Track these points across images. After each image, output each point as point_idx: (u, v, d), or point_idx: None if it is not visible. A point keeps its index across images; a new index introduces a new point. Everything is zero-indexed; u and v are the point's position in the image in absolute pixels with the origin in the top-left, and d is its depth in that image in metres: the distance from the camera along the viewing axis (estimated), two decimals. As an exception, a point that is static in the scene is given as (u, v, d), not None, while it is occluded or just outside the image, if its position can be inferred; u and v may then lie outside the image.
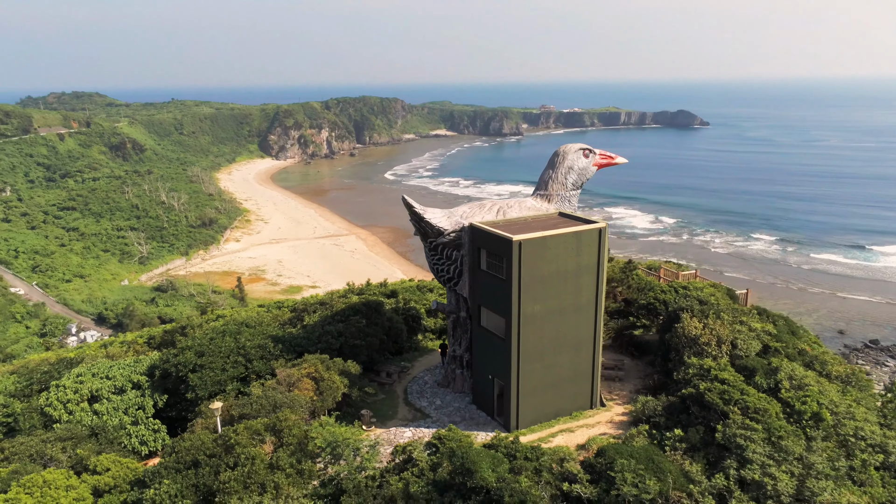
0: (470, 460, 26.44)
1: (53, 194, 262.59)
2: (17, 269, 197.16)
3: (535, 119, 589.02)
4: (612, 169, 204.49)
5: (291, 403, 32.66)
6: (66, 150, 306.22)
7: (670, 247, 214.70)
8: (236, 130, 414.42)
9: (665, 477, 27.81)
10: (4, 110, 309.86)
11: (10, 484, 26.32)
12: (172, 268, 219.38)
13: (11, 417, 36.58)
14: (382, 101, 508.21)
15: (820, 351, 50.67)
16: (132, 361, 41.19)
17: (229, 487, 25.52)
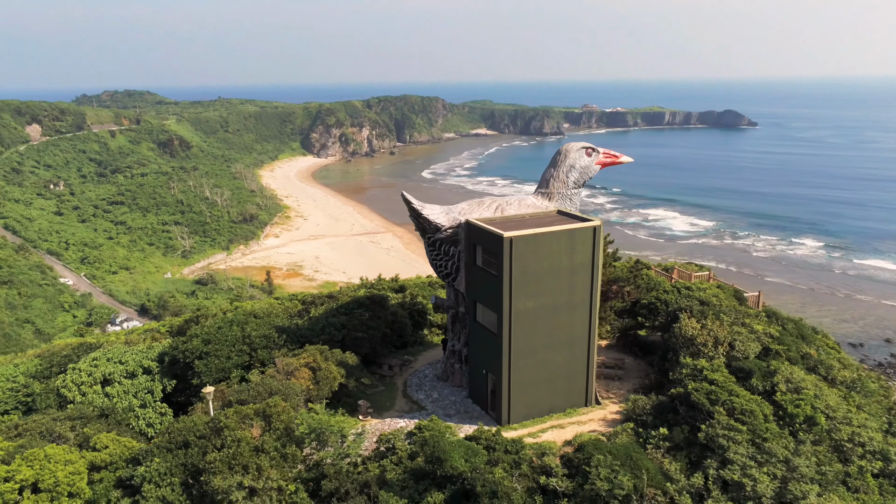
0: (440, 449, 27.13)
1: (103, 189, 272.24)
2: (67, 260, 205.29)
3: (576, 119, 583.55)
4: (651, 170, 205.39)
5: (286, 391, 33.86)
6: (116, 146, 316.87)
7: (710, 250, 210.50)
8: (279, 128, 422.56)
9: (640, 474, 27.95)
10: (60, 108, 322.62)
11: (14, 456, 28.18)
12: (213, 262, 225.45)
13: (31, 397, 38.82)
14: (423, 100, 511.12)
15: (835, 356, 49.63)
16: (145, 348, 43.18)
17: (214, 467, 26.77)
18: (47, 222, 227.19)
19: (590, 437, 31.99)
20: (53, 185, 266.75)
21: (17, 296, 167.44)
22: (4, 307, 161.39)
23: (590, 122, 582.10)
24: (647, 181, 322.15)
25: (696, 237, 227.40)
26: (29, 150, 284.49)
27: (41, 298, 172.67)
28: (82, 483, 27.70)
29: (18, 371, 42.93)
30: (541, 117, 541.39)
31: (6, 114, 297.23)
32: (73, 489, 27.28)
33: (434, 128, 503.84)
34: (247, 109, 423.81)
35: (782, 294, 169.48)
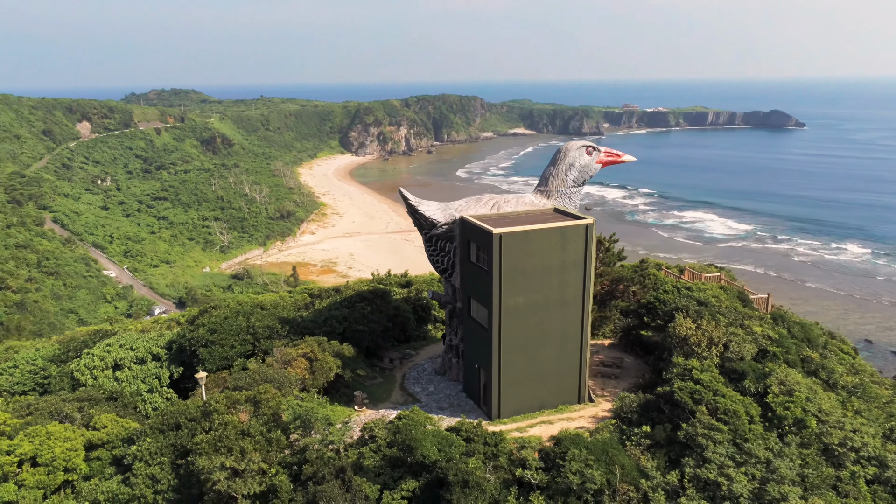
0: (412, 437, 27.86)
1: (148, 185, 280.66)
2: (111, 253, 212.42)
3: (616, 118, 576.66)
4: (691, 172, 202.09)
5: (281, 379, 35.07)
6: (161, 143, 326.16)
7: (748, 253, 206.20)
8: (319, 127, 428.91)
9: (614, 469, 28.20)
10: (109, 106, 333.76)
11: (18, 432, 30.00)
12: (250, 257, 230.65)
13: (47, 380, 40.99)
14: (462, 99, 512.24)
15: (848, 361, 48.68)
16: (156, 336, 45.09)
17: (201, 448, 28.05)
18: (94, 216, 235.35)
19: (573, 433, 32.23)
20: (101, 181, 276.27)
21: (62, 286, 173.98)
22: (50, 297, 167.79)
23: (630, 122, 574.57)
24: (687, 183, 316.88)
25: (735, 240, 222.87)
26: (79, 146, 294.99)
27: (85, 289, 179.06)
28: (78, 459, 29.37)
29: (38, 355, 45.36)
30: (580, 117, 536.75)
31: (58, 111, 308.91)
32: (69, 464, 28.96)
33: (472, 127, 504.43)
34: (287, 108, 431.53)
35: (824, 300, 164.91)
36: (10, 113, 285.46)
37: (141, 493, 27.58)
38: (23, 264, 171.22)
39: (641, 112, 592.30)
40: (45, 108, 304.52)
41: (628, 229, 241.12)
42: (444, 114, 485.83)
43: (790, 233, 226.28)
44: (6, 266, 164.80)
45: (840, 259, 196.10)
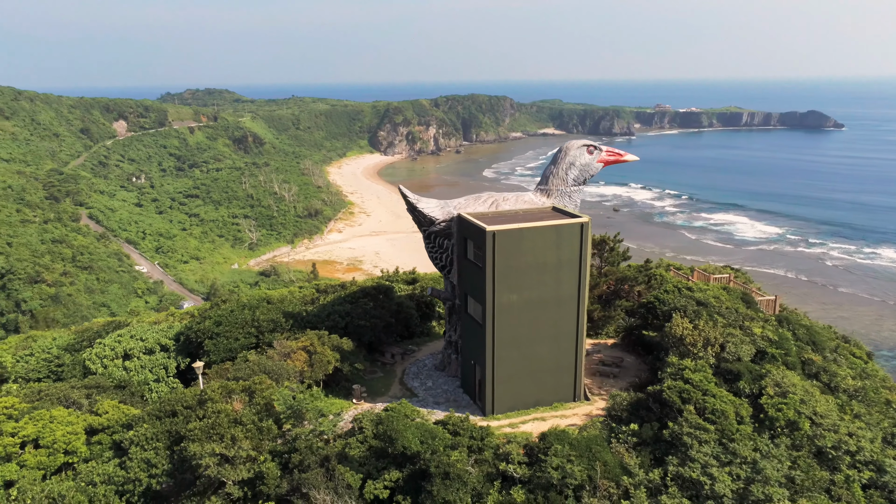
0: (393, 428, 28.44)
1: (181, 182, 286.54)
2: (143, 249, 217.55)
3: (648, 119, 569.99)
4: (722, 174, 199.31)
5: (279, 371, 35.99)
6: (195, 142, 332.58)
7: (779, 257, 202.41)
8: (348, 126, 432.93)
9: (595, 465, 28.40)
10: (145, 105, 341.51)
11: (24, 415, 31.42)
12: (278, 255, 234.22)
13: (61, 368, 42.65)
14: (491, 99, 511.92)
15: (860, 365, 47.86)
16: (165, 327, 46.50)
17: (194, 435, 29.05)
18: (127, 213, 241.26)
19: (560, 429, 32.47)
20: (136, 178, 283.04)
21: (95, 281, 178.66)
22: (84, 291, 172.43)
23: (662, 123, 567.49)
24: (718, 184, 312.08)
25: (766, 243, 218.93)
26: (115, 144, 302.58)
27: (117, 284, 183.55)
28: (78, 442, 30.65)
29: (54, 344, 47.18)
30: (610, 117, 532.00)
31: (96, 111, 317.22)
32: (69, 447, 30.25)
33: (501, 127, 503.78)
34: (318, 108, 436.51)
35: (857, 305, 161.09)
36: (51, 112, 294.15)
37: (136, 477, 28.70)
38: (58, 259, 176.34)
39: (674, 112, 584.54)
40: (83, 108, 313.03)
41: (656, 231, 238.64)
42: (474, 114, 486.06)
43: (823, 236, 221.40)
44: (42, 260, 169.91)
45: (874, 264, 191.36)
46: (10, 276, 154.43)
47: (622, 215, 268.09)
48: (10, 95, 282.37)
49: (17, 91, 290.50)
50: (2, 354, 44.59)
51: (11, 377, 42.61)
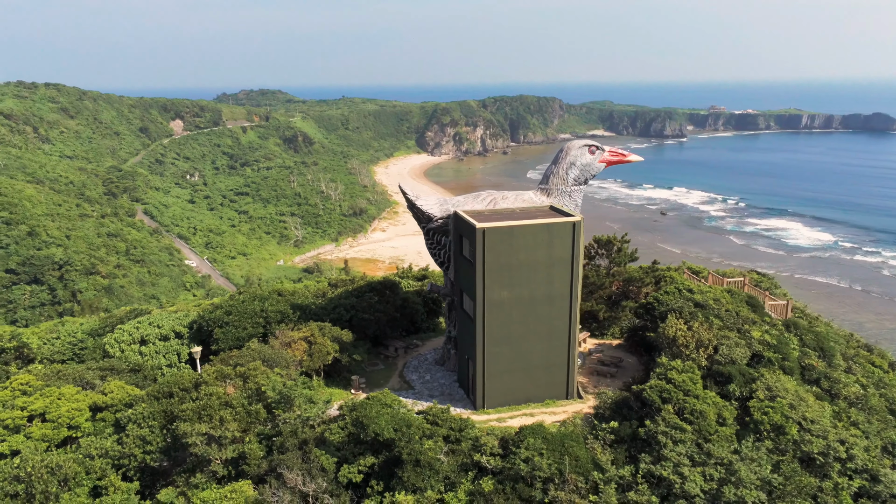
0: (365, 415, 29.45)
1: (232, 180, 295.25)
2: (193, 244, 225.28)
3: (701, 121, 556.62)
4: (777, 178, 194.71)
5: (277, 359, 37.54)
6: (247, 141, 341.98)
7: (833, 266, 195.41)
8: (396, 127, 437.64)
9: (565, 460, 28.80)
10: (200, 105, 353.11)
11: (36, 391, 33.81)
12: (322, 252, 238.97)
13: (83, 351, 45.37)
14: (539, 100, 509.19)
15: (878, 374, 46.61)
16: (182, 315, 48.81)
17: (185, 415, 30.76)
18: (180, 209, 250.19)
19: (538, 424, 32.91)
20: (190, 176, 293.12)
21: (147, 274, 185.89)
22: (136, 283, 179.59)
23: (716, 125, 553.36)
24: (772, 189, 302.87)
25: (820, 251, 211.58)
26: (171, 143, 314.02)
27: (167, 277, 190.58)
28: (81, 418, 32.81)
29: (80, 329, 50.11)
30: (662, 119, 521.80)
31: (154, 110, 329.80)
32: (72, 422, 32.44)
33: (549, 128, 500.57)
34: (367, 108, 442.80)
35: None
36: (112, 111, 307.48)
37: (131, 452, 30.60)
38: (113, 252, 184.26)
39: (729, 114, 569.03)
40: (142, 107, 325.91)
41: (703, 236, 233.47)
42: (522, 115, 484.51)
43: (882, 245, 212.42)
44: (98, 253, 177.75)
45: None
46: (67, 268, 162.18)
47: (669, 219, 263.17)
48: (76, 95, 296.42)
49: (81, 91, 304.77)
50: (29, 337, 47.76)
51: (38, 358, 45.63)
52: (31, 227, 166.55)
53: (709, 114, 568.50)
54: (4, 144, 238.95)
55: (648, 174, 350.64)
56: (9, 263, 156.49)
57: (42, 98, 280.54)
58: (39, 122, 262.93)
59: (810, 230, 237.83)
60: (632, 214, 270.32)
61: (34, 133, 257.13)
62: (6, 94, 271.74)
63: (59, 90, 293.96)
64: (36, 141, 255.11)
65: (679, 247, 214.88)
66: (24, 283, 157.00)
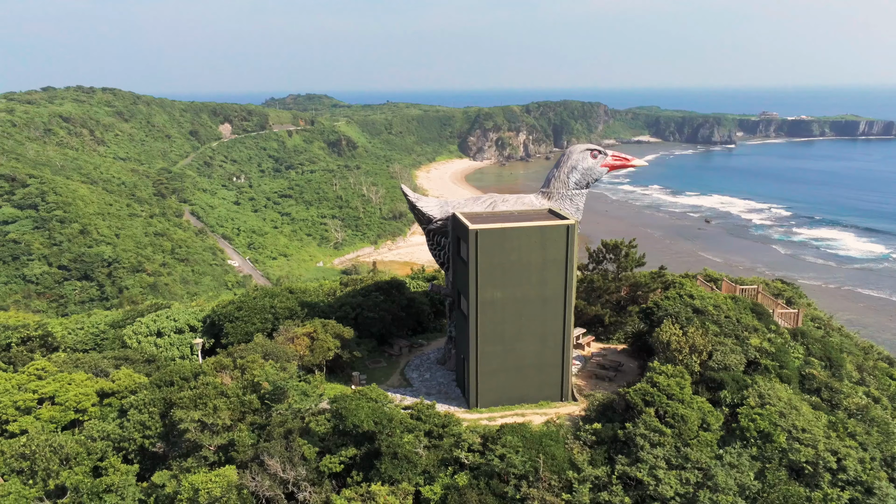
0: (344, 407, 30.42)
1: (277, 183, 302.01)
2: (236, 244, 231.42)
3: (752, 127, 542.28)
4: (828, 186, 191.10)
5: (278, 353, 38.95)
6: (292, 145, 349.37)
7: (885, 279, 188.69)
8: (439, 131, 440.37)
9: (538, 457, 29.21)
10: (248, 109, 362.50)
11: (49, 376, 36.00)
12: (361, 255, 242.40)
13: (104, 341, 47.82)
14: (584, 106, 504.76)
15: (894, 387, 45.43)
16: (198, 310, 50.86)
17: (182, 402, 32.36)
18: (226, 210, 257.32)
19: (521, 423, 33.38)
20: (236, 178, 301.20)
21: (190, 272, 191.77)
22: (179, 281, 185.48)
23: (767, 131, 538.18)
24: (824, 198, 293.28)
25: (873, 262, 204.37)
26: (220, 146, 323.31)
27: (210, 276, 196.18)
28: (88, 402, 34.79)
29: (103, 320, 52.72)
30: (710, 125, 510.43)
31: (204, 114, 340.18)
32: (79, 406, 34.44)
33: (593, 134, 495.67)
34: (410, 113, 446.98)
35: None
36: (164, 115, 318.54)
37: (130, 436, 32.38)
38: (159, 250, 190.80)
39: (781, 120, 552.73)
40: (193, 111, 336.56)
41: (748, 245, 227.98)
42: (566, 120, 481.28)
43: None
44: (145, 251, 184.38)
45: None
46: (115, 265, 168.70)
47: (713, 227, 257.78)
48: (130, 99, 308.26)
49: (136, 95, 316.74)
50: (54, 327, 50.56)
51: (62, 347, 48.29)
52: (83, 225, 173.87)
53: (760, 120, 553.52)
54: (63, 146, 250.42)
55: (693, 181, 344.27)
56: (61, 260, 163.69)
57: (99, 102, 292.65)
58: (96, 125, 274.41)
59: (862, 241, 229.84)
60: (674, 222, 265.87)
61: (90, 135, 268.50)
62: (66, 99, 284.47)
63: (115, 94, 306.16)
64: (92, 143, 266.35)
65: (722, 256, 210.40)
66: (76, 279, 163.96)
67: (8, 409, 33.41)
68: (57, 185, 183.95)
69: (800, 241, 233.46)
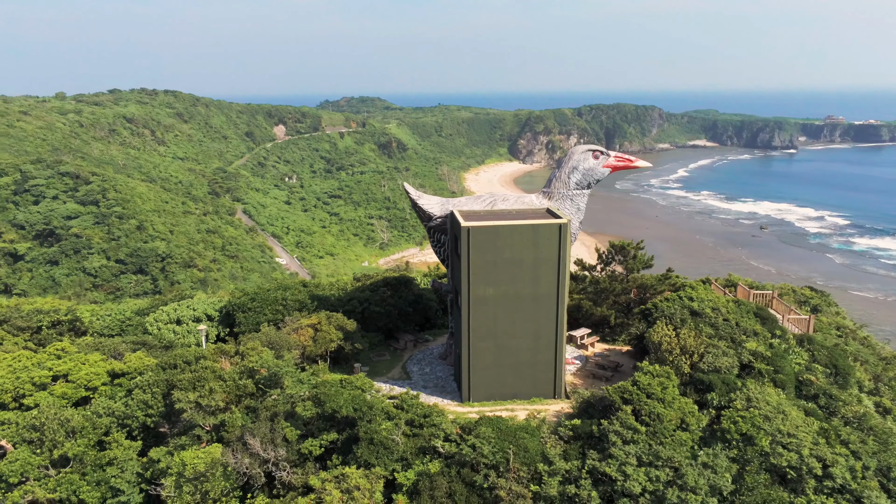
0: (323, 392, 31.69)
1: (327, 184, 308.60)
2: (285, 243, 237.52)
3: (815, 131, 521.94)
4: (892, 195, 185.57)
5: (281, 342, 40.70)
6: (343, 146, 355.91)
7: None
8: (489, 134, 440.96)
9: (508, 448, 29.84)
10: (302, 111, 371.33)
11: (67, 356, 38.70)
12: (406, 255, 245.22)
13: (128, 327, 50.71)
14: (637, 109, 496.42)
15: None
16: (216, 300, 53.28)
17: (182, 384, 34.36)
18: (276, 209, 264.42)
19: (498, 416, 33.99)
20: (288, 179, 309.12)
21: (239, 269, 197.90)
22: (228, 277, 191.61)
23: (832, 136, 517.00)
24: (889, 207, 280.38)
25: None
26: (274, 147, 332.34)
27: (258, 273, 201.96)
28: (98, 381, 37.24)
29: (130, 308, 55.84)
30: (771, 129, 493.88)
31: (260, 116, 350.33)
32: (89, 384, 36.93)
33: (647, 138, 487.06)
34: (461, 115, 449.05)
35: None
36: (222, 116, 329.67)
37: (133, 414, 34.57)
38: (210, 247, 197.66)
39: (847, 125, 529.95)
40: (249, 113, 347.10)
41: (804, 254, 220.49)
42: (618, 123, 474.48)
43: None
44: (197, 247, 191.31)
45: None
46: (168, 260, 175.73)
47: (767, 235, 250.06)
48: (190, 101, 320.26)
49: (195, 97, 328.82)
50: (82, 312, 53.86)
51: (89, 331, 51.45)
52: (139, 221, 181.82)
53: (824, 124, 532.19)
54: (125, 146, 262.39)
55: (749, 187, 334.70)
56: (119, 254, 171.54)
57: (161, 104, 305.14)
58: (157, 126, 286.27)
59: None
60: (727, 228, 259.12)
61: (152, 136, 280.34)
62: (130, 100, 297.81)
63: (176, 96, 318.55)
64: (153, 143, 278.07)
65: (774, 264, 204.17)
66: (131, 273, 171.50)
67: (25, 384, 36.16)
68: (117, 182, 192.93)
69: (860, 251, 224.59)
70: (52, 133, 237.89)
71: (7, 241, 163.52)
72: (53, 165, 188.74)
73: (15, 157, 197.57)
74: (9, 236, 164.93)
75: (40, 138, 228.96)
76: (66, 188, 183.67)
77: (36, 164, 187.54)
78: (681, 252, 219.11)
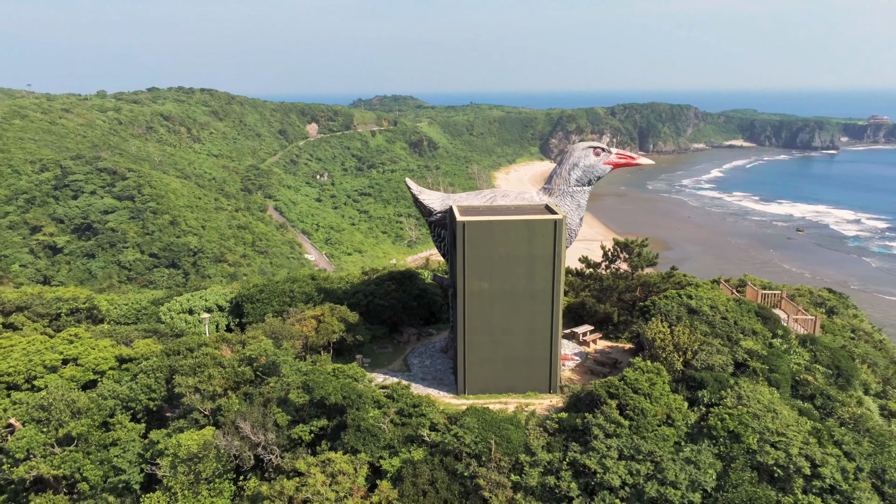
0: (312, 380, 32.55)
1: (358, 181, 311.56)
2: (314, 239, 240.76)
3: (858, 132, 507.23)
4: None
5: (284, 333, 41.81)
6: (375, 144, 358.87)
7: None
8: (520, 133, 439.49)
9: (490, 438, 30.32)
10: (334, 110, 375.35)
11: (79, 341, 40.41)
12: (434, 253, 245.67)
13: (143, 316, 52.56)
14: (672, 108, 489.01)
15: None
16: (228, 291, 54.79)
17: (183, 370, 35.68)
18: (307, 206, 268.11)
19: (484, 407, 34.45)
20: (319, 176, 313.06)
21: (268, 265, 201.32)
22: (258, 272, 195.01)
23: (875, 137, 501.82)
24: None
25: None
26: (306, 145, 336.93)
27: (286, 269, 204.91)
28: (106, 366, 38.85)
29: (147, 298, 57.75)
30: (811, 129, 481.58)
31: (293, 114, 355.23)
32: (97, 368, 38.54)
33: (682, 137, 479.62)
34: (493, 114, 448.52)
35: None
36: (256, 114, 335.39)
37: (136, 397, 36.01)
38: (241, 243, 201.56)
39: (892, 125, 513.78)
40: (282, 111, 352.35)
41: (841, 257, 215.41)
42: (652, 123, 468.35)
43: None
44: (228, 243, 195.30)
45: None
46: (200, 255, 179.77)
47: (803, 238, 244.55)
48: (225, 99, 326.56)
49: (230, 96, 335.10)
50: (100, 301, 55.92)
51: (106, 319, 53.44)
52: (173, 216, 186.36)
53: (868, 124, 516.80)
54: (162, 143, 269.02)
55: (786, 189, 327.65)
56: (153, 248, 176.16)
57: (197, 102, 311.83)
58: (192, 124, 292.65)
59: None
60: (761, 230, 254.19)
61: (188, 133, 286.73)
62: (168, 98, 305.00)
63: (212, 95, 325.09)
64: (188, 140, 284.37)
65: (809, 267, 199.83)
66: (164, 267, 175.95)
67: (37, 367, 37.97)
68: (152, 178, 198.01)
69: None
70: (91, 130, 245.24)
71: (47, 234, 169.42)
72: (92, 161, 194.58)
73: (56, 153, 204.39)
74: (49, 229, 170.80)
75: (81, 135, 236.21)
76: (104, 184, 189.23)
77: (76, 160, 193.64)
78: (712, 254, 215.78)
